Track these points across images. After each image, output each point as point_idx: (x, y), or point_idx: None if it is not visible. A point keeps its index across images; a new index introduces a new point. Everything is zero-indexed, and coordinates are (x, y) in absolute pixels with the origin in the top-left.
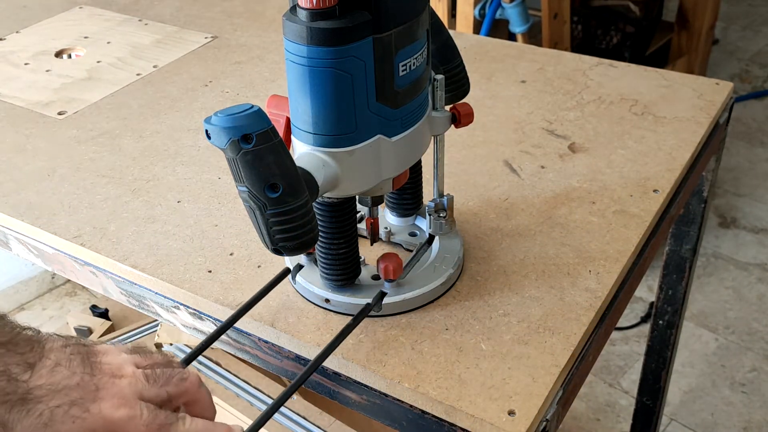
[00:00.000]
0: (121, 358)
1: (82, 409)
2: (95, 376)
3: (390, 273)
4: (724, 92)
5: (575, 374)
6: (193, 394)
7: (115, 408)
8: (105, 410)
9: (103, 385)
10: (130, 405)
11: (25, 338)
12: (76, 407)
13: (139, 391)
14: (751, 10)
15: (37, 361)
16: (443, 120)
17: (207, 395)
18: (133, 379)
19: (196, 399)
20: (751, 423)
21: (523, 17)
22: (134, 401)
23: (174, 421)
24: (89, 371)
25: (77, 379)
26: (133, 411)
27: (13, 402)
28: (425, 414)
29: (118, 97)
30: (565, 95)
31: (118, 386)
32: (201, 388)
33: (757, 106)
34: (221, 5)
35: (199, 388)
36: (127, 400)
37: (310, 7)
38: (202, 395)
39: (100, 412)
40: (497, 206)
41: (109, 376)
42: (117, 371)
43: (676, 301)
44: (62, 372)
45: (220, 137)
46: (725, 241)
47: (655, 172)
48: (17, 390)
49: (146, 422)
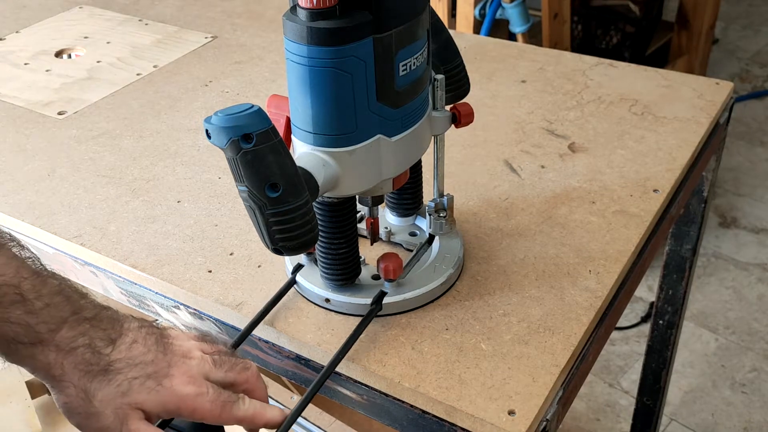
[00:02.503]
0: (190, 343)
1: (156, 383)
2: (167, 355)
3: (390, 273)
4: (725, 92)
5: (575, 374)
6: (253, 383)
7: (184, 384)
8: (176, 385)
9: (175, 363)
10: (197, 383)
11: (106, 316)
12: (151, 380)
13: (206, 373)
14: (751, 9)
15: (118, 338)
16: (443, 120)
17: (264, 386)
18: (201, 362)
19: (255, 388)
20: (751, 423)
21: (523, 17)
22: (201, 380)
23: (235, 400)
24: (162, 350)
25: (152, 356)
26: (200, 389)
27: (95, 372)
28: (425, 414)
29: (118, 97)
30: (565, 95)
31: (188, 365)
32: (259, 379)
33: (757, 106)
34: (221, 5)
35: (258, 379)
36: (195, 379)
37: (310, 7)
38: (260, 385)
39: (171, 386)
40: (497, 206)
41: (180, 356)
42: (187, 353)
43: (676, 301)
44: (139, 348)
45: (220, 137)
46: (725, 241)
47: (655, 172)
48: (100, 362)
49: (211, 399)
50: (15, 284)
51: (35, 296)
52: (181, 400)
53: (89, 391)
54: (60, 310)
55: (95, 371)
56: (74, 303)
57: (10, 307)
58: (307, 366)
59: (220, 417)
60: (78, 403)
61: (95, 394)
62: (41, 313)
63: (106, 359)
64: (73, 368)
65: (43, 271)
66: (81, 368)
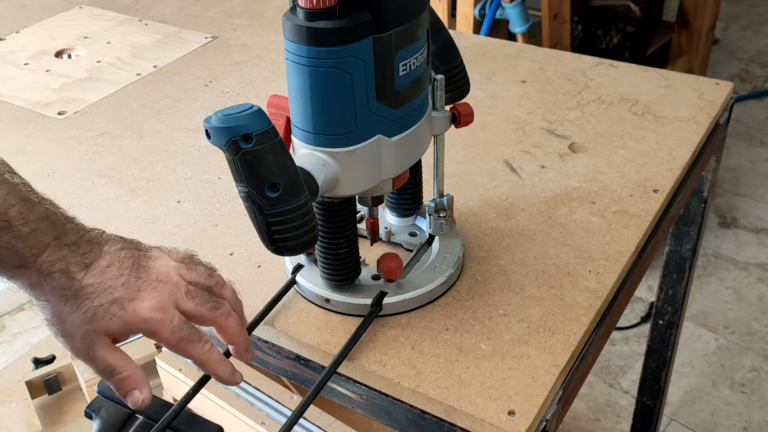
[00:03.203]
0: (170, 265)
1: (119, 307)
2: (140, 279)
3: (390, 273)
4: (725, 92)
5: (575, 374)
6: (221, 323)
7: (150, 309)
8: (140, 309)
9: (146, 288)
10: (164, 310)
11: (87, 239)
12: (115, 305)
13: (176, 300)
14: (751, 10)
15: (93, 261)
16: (443, 120)
17: (235, 325)
18: (175, 288)
19: (223, 327)
20: (751, 423)
21: (523, 17)
22: (169, 307)
23: (196, 340)
24: (135, 273)
25: (123, 279)
26: (165, 316)
27: (68, 297)
28: (425, 414)
29: (118, 97)
30: (565, 95)
31: (159, 290)
32: (229, 318)
33: (757, 106)
34: (221, 5)
35: (227, 318)
36: (163, 305)
37: (310, 7)
38: (229, 324)
39: (134, 310)
40: (497, 206)
41: (154, 279)
42: (163, 277)
43: (676, 301)
44: (112, 272)
45: (220, 137)
46: (725, 241)
47: (655, 172)
48: (72, 286)
49: (172, 329)
50: (2, 211)
51: (21, 222)
52: (143, 323)
53: (62, 314)
54: (44, 235)
55: (68, 296)
56: (58, 228)
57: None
58: (307, 366)
59: (175, 348)
60: (54, 322)
61: (66, 318)
62: (26, 238)
63: (77, 284)
64: (50, 291)
65: (31, 196)
66: (57, 292)
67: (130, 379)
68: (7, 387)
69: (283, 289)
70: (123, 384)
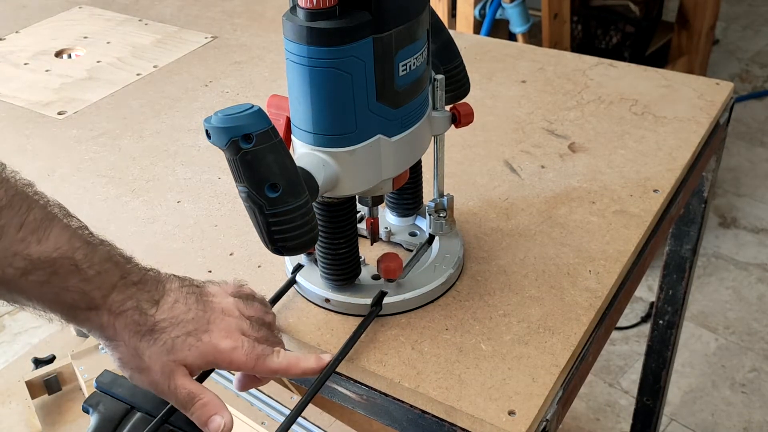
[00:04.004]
0: (228, 300)
1: (196, 339)
2: (207, 312)
3: (390, 273)
4: (725, 92)
5: (575, 374)
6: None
7: (222, 338)
8: (214, 339)
9: (214, 320)
10: (233, 338)
11: (150, 278)
12: (191, 337)
13: (243, 330)
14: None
15: (161, 298)
16: (443, 120)
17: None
18: (239, 320)
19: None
20: (751, 423)
21: (523, 17)
22: (238, 335)
23: (269, 353)
24: (202, 308)
25: (192, 314)
26: (235, 342)
27: (143, 332)
28: (425, 414)
29: (118, 97)
30: (565, 95)
31: (226, 322)
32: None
33: (757, 106)
34: (221, 5)
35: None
36: (232, 333)
37: (310, 7)
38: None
39: (210, 341)
40: (497, 206)
41: (219, 313)
42: (226, 311)
43: (676, 301)
44: (180, 308)
45: (220, 137)
46: (725, 241)
47: (655, 172)
48: (147, 322)
49: (246, 352)
50: (70, 255)
51: (88, 265)
52: (218, 353)
53: (138, 349)
54: (110, 275)
55: (143, 331)
56: (122, 268)
57: (67, 276)
58: None
59: (254, 368)
60: (129, 359)
61: (144, 352)
62: (94, 280)
63: (151, 320)
64: (123, 329)
65: (92, 238)
66: (130, 329)
67: (210, 405)
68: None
69: (283, 289)
70: (204, 411)
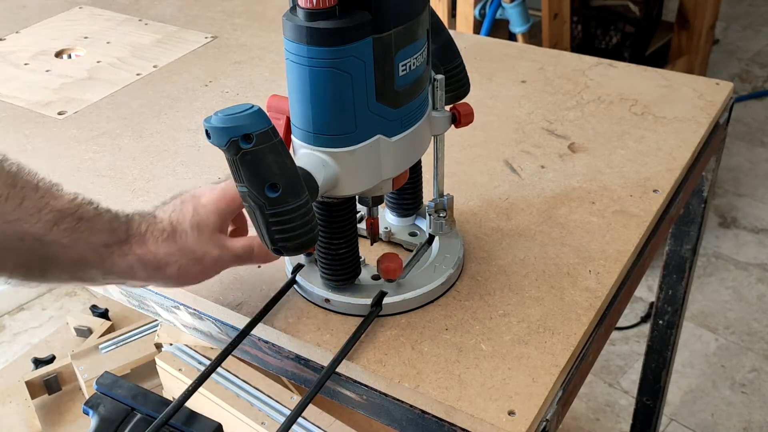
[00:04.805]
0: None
1: (200, 205)
2: (191, 194)
3: (390, 273)
4: (725, 92)
5: (575, 374)
6: None
7: (212, 187)
8: (209, 193)
9: (202, 192)
10: (221, 185)
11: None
12: (198, 207)
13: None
14: (751, 10)
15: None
16: (443, 120)
17: None
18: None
19: None
20: (751, 423)
21: (523, 17)
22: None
23: None
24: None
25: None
26: (226, 184)
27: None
28: (425, 414)
29: (118, 97)
30: (565, 95)
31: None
32: None
33: (757, 106)
34: (221, 5)
35: None
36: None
37: (309, 7)
38: None
39: (209, 196)
40: (497, 206)
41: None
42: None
43: (676, 301)
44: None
45: (220, 137)
46: (725, 241)
47: (655, 172)
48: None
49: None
50: (87, 202)
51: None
52: (222, 191)
53: (183, 248)
54: (118, 214)
55: (169, 235)
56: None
57: (92, 219)
58: (307, 366)
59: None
60: (185, 263)
61: (188, 245)
62: (112, 220)
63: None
64: (156, 245)
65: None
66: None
67: (261, 245)
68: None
69: (283, 289)
70: (261, 252)
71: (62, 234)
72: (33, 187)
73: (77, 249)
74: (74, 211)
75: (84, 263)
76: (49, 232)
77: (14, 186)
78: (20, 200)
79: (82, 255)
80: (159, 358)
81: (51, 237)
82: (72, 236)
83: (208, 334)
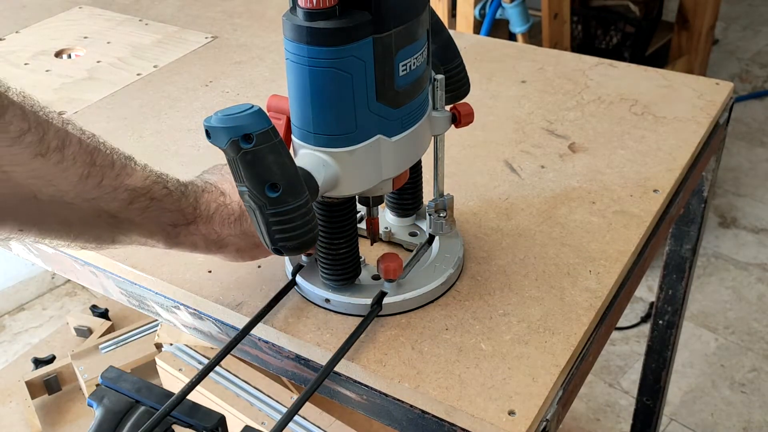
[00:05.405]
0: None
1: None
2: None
3: (390, 273)
4: (724, 92)
5: (575, 374)
6: None
7: None
8: None
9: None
10: None
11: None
12: None
13: None
14: (751, 10)
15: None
16: (443, 120)
17: None
18: None
19: None
20: (751, 423)
21: (523, 17)
22: None
23: None
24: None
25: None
26: None
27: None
28: (425, 414)
29: (118, 97)
30: (565, 95)
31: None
32: None
33: (757, 106)
34: (221, 5)
35: None
36: None
37: (309, 7)
38: None
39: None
40: (497, 206)
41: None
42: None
43: (676, 301)
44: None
45: (220, 137)
46: (725, 241)
47: (655, 172)
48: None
49: None
50: (158, 181)
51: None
52: None
53: (247, 230)
54: (188, 192)
55: (235, 218)
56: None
57: (163, 199)
58: (307, 366)
59: None
60: (245, 245)
61: (248, 231)
62: (182, 199)
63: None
64: (222, 227)
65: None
66: (227, 223)
67: None
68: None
69: (283, 289)
70: None
71: (135, 213)
72: (109, 163)
73: (147, 227)
74: (147, 191)
75: (152, 237)
76: (123, 211)
77: (93, 164)
78: (100, 179)
79: (151, 232)
80: (159, 358)
81: (125, 215)
82: (143, 215)
83: (209, 334)
